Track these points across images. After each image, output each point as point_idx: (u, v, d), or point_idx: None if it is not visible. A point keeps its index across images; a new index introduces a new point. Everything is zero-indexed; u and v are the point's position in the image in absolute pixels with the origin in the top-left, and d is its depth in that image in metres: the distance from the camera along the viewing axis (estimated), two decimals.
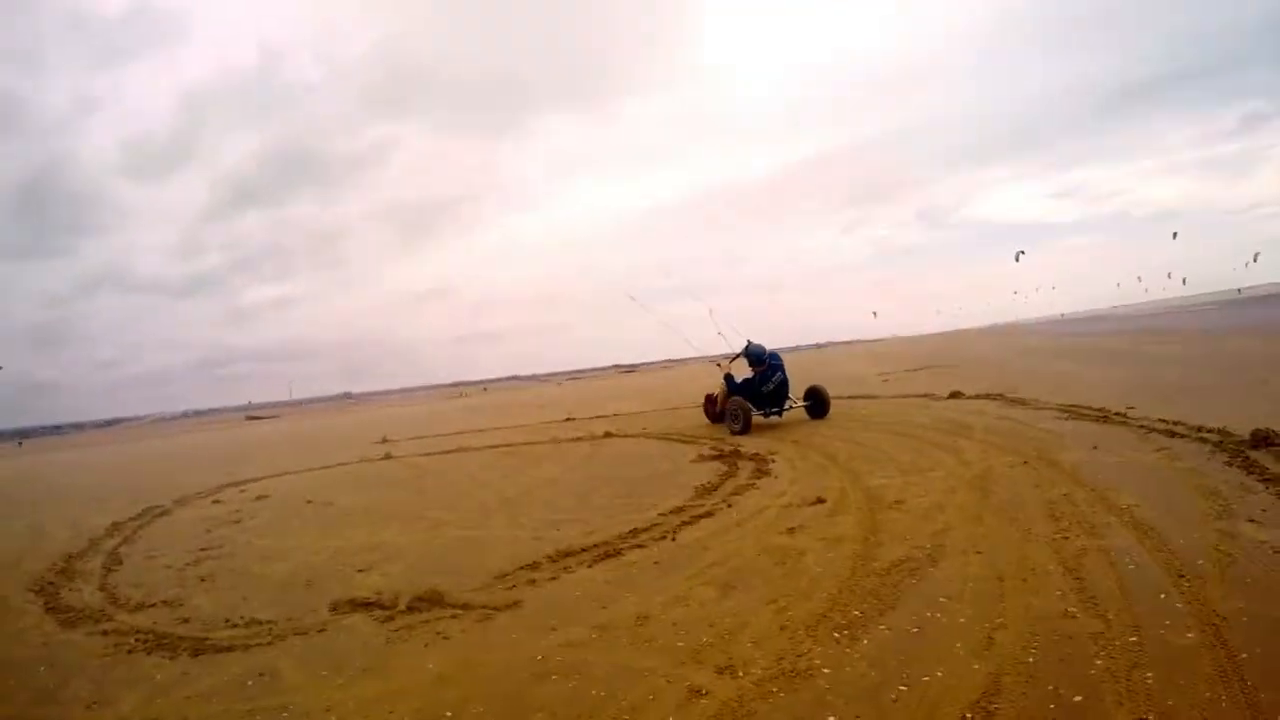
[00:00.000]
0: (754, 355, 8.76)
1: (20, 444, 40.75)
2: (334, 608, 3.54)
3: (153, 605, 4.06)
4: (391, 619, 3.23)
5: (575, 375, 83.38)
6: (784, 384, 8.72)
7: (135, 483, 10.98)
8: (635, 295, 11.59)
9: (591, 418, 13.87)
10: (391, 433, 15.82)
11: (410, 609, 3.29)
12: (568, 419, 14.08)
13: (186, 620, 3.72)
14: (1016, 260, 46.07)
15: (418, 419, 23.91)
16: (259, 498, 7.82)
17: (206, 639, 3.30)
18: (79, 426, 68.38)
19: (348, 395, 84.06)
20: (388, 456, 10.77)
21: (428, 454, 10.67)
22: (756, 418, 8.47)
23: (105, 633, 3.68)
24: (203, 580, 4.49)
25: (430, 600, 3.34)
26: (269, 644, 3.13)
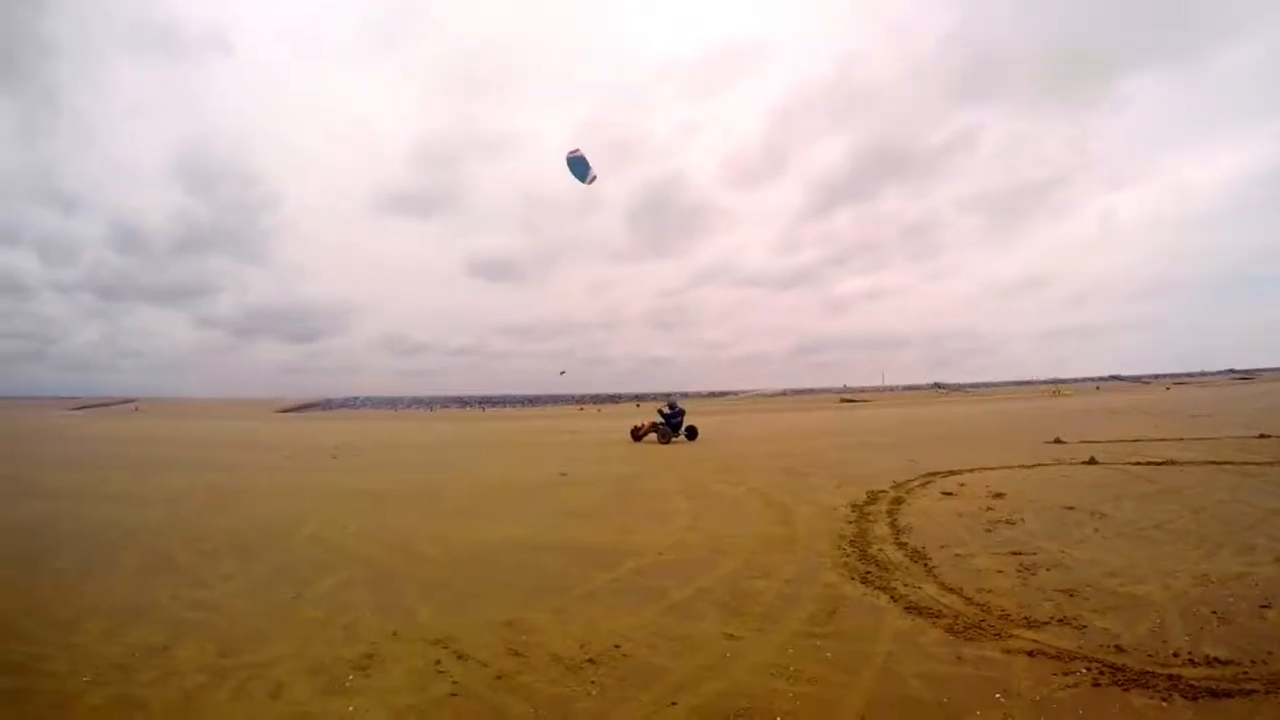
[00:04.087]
0: (674, 405, 18.30)
1: (638, 404, 59.64)
2: None
3: (1045, 622, 3.80)
4: None
5: (1180, 380, 62.90)
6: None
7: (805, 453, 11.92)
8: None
9: None
10: (1053, 432, 15.34)
11: None
12: (1260, 435, 11.95)
13: (1118, 649, 3.42)
14: None
15: (1050, 416, 22.62)
16: (995, 495, 7.73)
17: (1179, 677, 3.10)
18: (685, 394, 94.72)
19: (938, 385, 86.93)
20: (1092, 460, 10.13)
21: (1135, 462, 9.64)
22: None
23: (1030, 653, 3.39)
24: (1071, 596, 4.28)
25: None
26: (1265, 693, 2.92)
